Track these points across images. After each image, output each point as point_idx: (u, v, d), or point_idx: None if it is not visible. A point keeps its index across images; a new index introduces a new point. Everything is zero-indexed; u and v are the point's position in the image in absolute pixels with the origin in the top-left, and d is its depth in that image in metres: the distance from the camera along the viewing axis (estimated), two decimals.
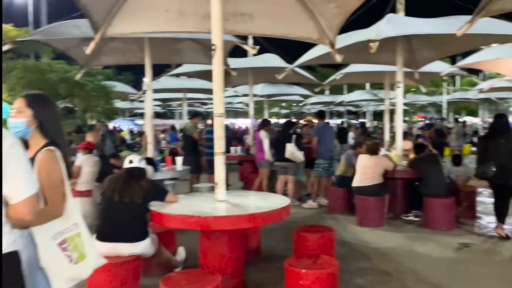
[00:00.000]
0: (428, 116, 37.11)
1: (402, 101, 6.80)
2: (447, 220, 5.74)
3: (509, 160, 5.24)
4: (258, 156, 8.02)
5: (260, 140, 7.90)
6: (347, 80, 11.67)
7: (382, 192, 6.13)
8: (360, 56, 7.87)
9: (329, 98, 22.05)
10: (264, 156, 7.81)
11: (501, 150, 5.29)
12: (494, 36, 5.65)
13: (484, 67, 9.17)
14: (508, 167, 5.21)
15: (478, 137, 14.79)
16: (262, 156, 7.85)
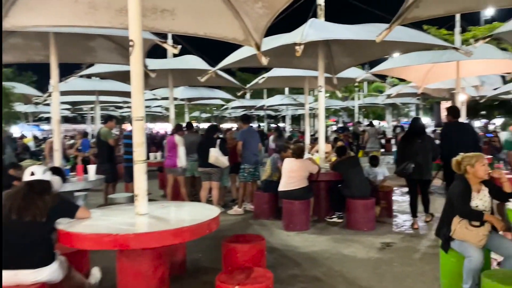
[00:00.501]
0: (340, 119, 39.31)
1: (324, 105, 6.93)
2: (369, 220, 5.92)
3: (425, 158, 5.90)
4: (169, 162, 7.51)
5: (174, 145, 7.46)
6: (269, 84, 11.75)
7: (307, 195, 6.15)
8: (282, 60, 7.92)
9: (250, 102, 22.20)
10: (177, 162, 7.40)
11: (418, 149, 5.89)
12: (406, 43, 5.97)
13: (394, 74, 9.80)
14: (424, 164, 5.88)
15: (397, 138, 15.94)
16: (175, 162, 7.42)
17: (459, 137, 6.02)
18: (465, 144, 5.77)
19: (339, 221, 6.34)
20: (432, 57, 8.47)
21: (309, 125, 10.43)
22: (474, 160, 3.48)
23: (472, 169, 3.49)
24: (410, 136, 6.12)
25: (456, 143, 5.83)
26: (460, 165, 3.58)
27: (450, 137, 6.15)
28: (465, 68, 8.92)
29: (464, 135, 6.12)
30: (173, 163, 7.46)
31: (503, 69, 8.77)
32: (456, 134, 6.11)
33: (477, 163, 3.47)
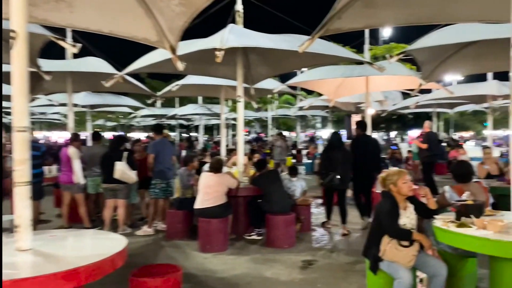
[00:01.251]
0: (253, 130, 39.86)
1: (242, 115, 6.61)
2: (289, 237, 5.69)
3: (345, 169, 6.34)
4: (64, 177, 6.64)
5: (68, 158, 6.56)
6: (183, 92, 11.17)
7: (226, 212, 5.73)
8: (198, 67, 7.46)
9: (161, 111, 21.20)
10: (72, 178, 6.52)
11: (339, 161, 6.29)
12: (325, 56, 5.93)
13: (308, 86, 9.92)
14: (344, 175, 6.31)
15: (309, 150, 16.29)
16: (70, 178, 6.54)
17: (366, 149, 6.72)
18: (371, 156, 6.77)
19: (259, 238, 6.02)
20: (344, 71, 8.70)
21: (225, 136, 10.10)
22: (396, 177, 3.38)
23: (395, 187, 3.38)
24: (331, 149, 6.50)
25: (364, 154, 6.61)
26: (385, 183, 3.47)
27: (359, 149, 6.70)
28: (373, 83, 9.33)
29: (370, 147, 6.84)
30: (69, 179, 6.55)
31: (408, 85, 9.35)
32: (364, 146, 6.76)
33: (399, 181, 3.37)
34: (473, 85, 11.79)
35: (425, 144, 9.49)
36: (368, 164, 6.65)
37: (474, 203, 3.18)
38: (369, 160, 6.70)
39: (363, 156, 6.58)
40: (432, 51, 6.18)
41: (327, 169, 6.27)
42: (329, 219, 6.73)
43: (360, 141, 6.92)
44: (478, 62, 7.00)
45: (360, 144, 6.83)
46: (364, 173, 6.65)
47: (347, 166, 6.33)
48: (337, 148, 6.40)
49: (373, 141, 7.29)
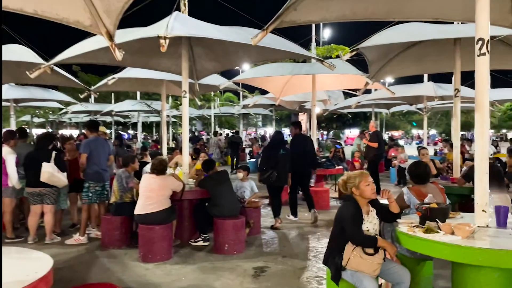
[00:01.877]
0: (193, 128, 39.00)
1: (187, 112, 6.14)
2: (239, 242, 5.34)
3: (285, 167, 6.62)
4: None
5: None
6: (120, 86, 10.36)
7: (170, 218, 5.25)
8: (138, 59, 6.90)
9: (95, 107, 19.87)
10: (7, 181, 5.77)
11: (280, 160, 6.57)
12: (277, 51, 5.64)
13: (255, 83, 9.64)
14: (283, 173, 6.61)
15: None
16: (6, 181, 5.78)
17: (303, 147, 7.12)
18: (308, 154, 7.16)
19: (205, 244, 5.62)
20: (292, 69, 8.54)
21: (166, 134, 9.51)
22: (358, 180, 3.17)
23: (357, 190, 3.17)
24: (273, 147, 6.82)
25: (301, 152, 7.00)
26: (346, 186, 3.24)
27: (296, 148, 7.06)
28: (320, 81, 9.28)
29: (307, 146, 7.26)
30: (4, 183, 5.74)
31: (354, 85, 9.42)
32: (301, 144, 7.15)
33: (362, 183, 3.16)
34: (411, 86, 12.27)
35: (375, 143, 9.62)
36: (305, 161, 7.09)
37: (439, 206, 3.05)
38: (306, 157, 7.12)
39: (300, 154, 6.98)
40: (380, 50, 6.17)
41: (267, 166, 6.54)
42: (277, 217, 6.71)
43: (297, 140, 7.28)
44: (420, 63, 7.15)
45: (297, 143, 7.19)
46: (302, 170, 7.06)
47: (286, 164, 6.63)
48: (278, 147, 6.69)
49: (309, 140, 7.73)
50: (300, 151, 6.98)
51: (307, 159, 7.12)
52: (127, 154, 6.75)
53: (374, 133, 9.93)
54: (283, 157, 6.59)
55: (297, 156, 6.86)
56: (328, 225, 6.79)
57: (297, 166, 6.88)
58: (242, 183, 6.43)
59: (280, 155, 6.58)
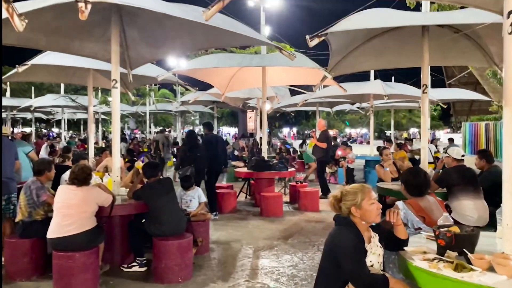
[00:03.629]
0: (126, 126, 36.65)
1: (119, 105, 4.99)
2: (185, 266, 4.32)
3: (201, 163, 7.10)
4: None
5: None
6: (37, 76, 8.78)
7: (96, 240, 4.10)
8: (56, 40, 5.59)
9: (11, 102, 17.47)
10: None
11: (196, 158, 7.08)
12: (229, 34, 4.69)
13: (198, 76, 8.60)
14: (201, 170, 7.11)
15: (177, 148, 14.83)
16: None
17: (215, 147, 7.59)
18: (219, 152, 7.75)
19: (142, 270, 4.53)
20: (241, 60, 7.65)
21: (93, 133, 8.19)
22: (360, 197, 2.36)
23: (358, 210, 2.35)
24: (189, 146, 7.37)
25: (214, 151, 7.47)
26: (341, 205, 2.42)
27: (209, 146, 7.49)
28: (270, 76, 8.48)
29: (218, 145, 7.79)
30: None
31: (309, 80, 8.73)
32: (213, 143, 7.62)
33: (365, 201, 2.36)
34: (358, 84, 11.92)
35: (324, 143, 9.03)
36: (218, 159, 7.68)
37: (465, 231, 2.31)
38: (218, 156, 7.69)
39: (213, 152, 7.46)
40: (345, 38, 5.48)
41: (184, 163, 7.07)
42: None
43: (209, 139, 7.76)
44: (382, 56, 6.61)
45: (210, 142, 7.66)
46: (215, 167, 7.58)
47: (202, 160, 7.16)
48: (193, 145, 7.31)
49: (221, 139, 8.51)
50: (213, 150, 7.48)
51: (219, 157, 7.72)
52: (40, 159, 5.40)
53: (323, 133, 9.36)
54: (199, 155, 7.15)
55: (210, 154, 7.36)
56: (285, 237, 6.01)
57: (211, 163, 7.38)
58: (187, 192, 5.41)
59: (195, 152, 7.14)
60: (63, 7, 4.13)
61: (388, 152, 6.90)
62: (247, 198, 9.15)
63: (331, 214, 7.44)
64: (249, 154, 12.61)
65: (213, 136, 8.01)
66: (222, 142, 8.23)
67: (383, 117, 37.48)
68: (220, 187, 8.64)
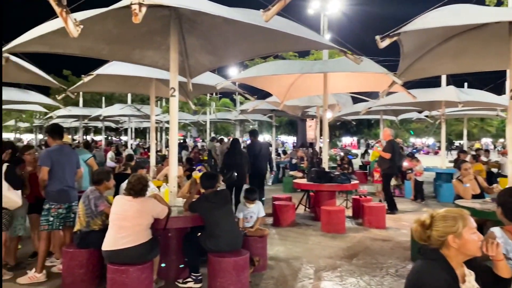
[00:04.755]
0: (189, 134, 37.64)
1: (177, 113, 4.87)
2: (240, 286, 4.03)
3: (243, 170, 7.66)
4: None
5: None
6: (103, 86, 9.08)
7: (151, 254, 3.96)
8: (118, 49, 5.64)
9: (83, 111, 18.53)
10: None
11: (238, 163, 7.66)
12: (293, 39, 4.38)
13: (256, 84, 8.39)
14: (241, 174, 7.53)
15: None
16: None
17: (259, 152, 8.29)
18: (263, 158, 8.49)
19: (197, 286, 4.32)
20: (302, 66, 7.32)
21: (155, 141, 8.28)
22: (461, 224, 1.91)
23: (457, 240, 1.90)
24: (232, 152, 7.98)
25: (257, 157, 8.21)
26: (430, 232, 1.97)
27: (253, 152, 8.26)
28: (331, 83, 8.05)
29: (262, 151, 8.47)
30: None
31: (374, 86, 8.17)
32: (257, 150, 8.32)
33: (466, 230, 1.90)
34: (428, 91, 11.05)
35: (388, 154, 8.39)
36: (261, 164, 8.44)
37: None
38: (261, 161, 8.47)
39: (257, 159, 8.20)
40: (420, 38, 4.95)
41: (228, 168, 7.52)
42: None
43: (254, 146, 8.47)
44: (461, 59, 5.95)
45: (254, 149, 8.37)
46: (258, 172, 8.26)
47: (244, 166, 7.78)
48: (237, 152, 7.95)
49: (265, 146, 9.06)
50: (256, 156, 8.21)
51: (262, 163, 8.54)
52: (100, 168, 5.43)
53: (389, 143, 8.69)
54: (240, 160, 7.77)
55: (254, 160, 8.12)
56: (349, 256, 5.52)
57: (254, 169, 8.09)
58: (250, 206, 5.12)
59: (238, 158, 7.77)
60: (124, 15, 4.10)
61: (468, 166, 6.16)
62: (306, 210, 8.73)
63: (398, 232, 6.83)
64: (308, 164, 12.19)
65: (257, 143, 8.65)
66: (265, 149, 8.93)
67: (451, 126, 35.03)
68: (278, 199, 8.33)
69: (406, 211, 9.05)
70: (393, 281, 4.57)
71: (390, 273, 4.86)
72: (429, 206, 9.80)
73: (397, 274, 4.83)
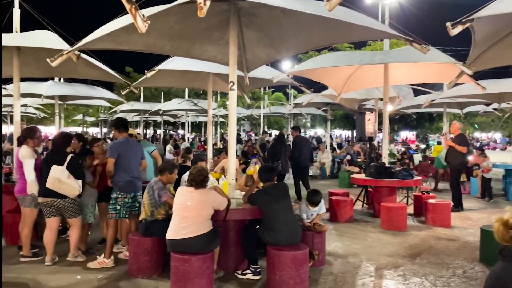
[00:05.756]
0: (242, 128, 38.08)
1: (235, 106, 4.91)
2: (300, 281, 4.00)
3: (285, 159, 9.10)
4: (18, 186, 5.06)
5: (19, 162, 4.99)
6: (161, 81, 9.40)
7: (211, 245, 4.04)
8: (178, 44, 5.78)
9: (144, 106, 19.37)
10: (26, 188, 4.93)
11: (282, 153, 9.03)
12: (354, 28, 4.25)
13: (313, 77, 8.26)
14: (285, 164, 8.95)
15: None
16: (23, 188, 4.96)
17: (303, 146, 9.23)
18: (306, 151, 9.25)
19: (256, 278, 4.35)
20: (362, 57, 7.09)
21: (212, 134, 8.50)
22: None
23: None
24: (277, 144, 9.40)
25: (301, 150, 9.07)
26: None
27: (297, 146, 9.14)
28: (393, 74, 7.73)
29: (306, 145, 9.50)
30: (21, 189, 5.00)
31: (441, 76, 7.74)
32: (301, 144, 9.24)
33: None
34: (498, 81, 10.26)
35: (464, 148, 7.92)
36: (304, 157, 9.15)
37: None
38: (305, 154, 9.18)
39: (300, 152, 9.05)
40: (494, 25, 4.59)
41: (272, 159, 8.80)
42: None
43: (298, 140, 9.34)
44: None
45: (298, 143, 9.24)
46: (301, 164, 9.13)
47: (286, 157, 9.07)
48: (281, 144, 9.28)
49: (308, 140, 10.36)
50: (300, 149, 9.06)
51: (305, 156, 9.19)
52: (166, 160, 5.62)
53: (462, 136, 8.19)
54: (284, 152, 8.99)
55: (298, 153, 9.00)
56: (412, 255, 5.29)
57: (298, 161, 9.01)
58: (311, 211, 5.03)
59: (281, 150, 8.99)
60: (185, 11, 4.20)
61: None
62: (364, 207, 8.50)
63: (464, 232, 6.45)
64: (366, 159, 11.84)
65: (301, 137, 9.75)
66: (308, 142, 9.98)
67: None
68: (335, 194, 8.17)
69: (473, 209, 8.52)
70: (461, 283, 4.32)
71: (458, 274, 4.59)
72: (498, 205, 9.14)
73: (465, 275, 4.56)
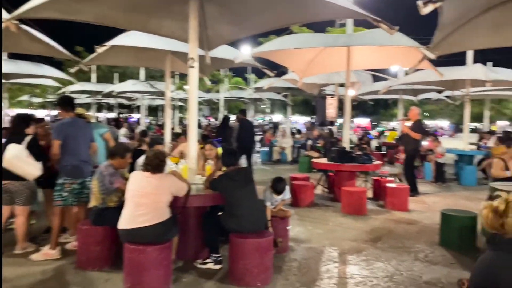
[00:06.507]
0: (201, 113, 37.36)
1: (196, 86, 4.59)
2: (264, 269, 3.82)
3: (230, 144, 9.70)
4: None
5: None
6: (116, 59, 8.77)
7: (169, 234, 3.75)
8: (134, 18, 5.32)
9: (96, 87, 18.29)
10: None
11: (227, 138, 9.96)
12: (320, 6, 4.03)
13: (276, 59, 8.02)
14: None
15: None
16: None
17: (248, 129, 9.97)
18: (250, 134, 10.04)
19: (217, 267, 4.13)
20: (326, 40, 6.93)
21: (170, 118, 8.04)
22: None
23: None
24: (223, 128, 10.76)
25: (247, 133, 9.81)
26: (506, 219, 1.68)
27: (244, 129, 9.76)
28: (355, 58, 7.65)
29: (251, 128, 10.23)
30: None
31: (402, 61, 7.74)
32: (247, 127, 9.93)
33: None
34: (453, 69, 10.54)
35: (418, 134, 8.04)
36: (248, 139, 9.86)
37: None
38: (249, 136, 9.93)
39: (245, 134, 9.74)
40: (462, 6, 4.54)
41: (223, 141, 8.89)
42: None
43: (243, 123, 9.93)
44: (500, 31, 5.50)
45: (243, 126, 9.86)
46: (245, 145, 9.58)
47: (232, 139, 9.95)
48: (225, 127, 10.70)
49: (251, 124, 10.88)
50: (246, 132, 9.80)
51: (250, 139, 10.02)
52: (119, 143, 5.19)
53: (418, 122, 8.31)
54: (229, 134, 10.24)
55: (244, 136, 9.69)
56: (373, 239, 5.28)
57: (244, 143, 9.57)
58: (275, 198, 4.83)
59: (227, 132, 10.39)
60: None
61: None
62: (324, 191, 8.48)
63: (422, 215, 6.55)
64: (326, 144, 11.87)
65: (245, 120, 10.18)
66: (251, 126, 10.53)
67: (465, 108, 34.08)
68: (296, 178, 8.06)
69: (428, 193, 8.74)
70: (423, 267, 4.32)
71: (420, 258, 4.60)
72: (451, 189, 9.46)
73: (426, 259, 4.57)
